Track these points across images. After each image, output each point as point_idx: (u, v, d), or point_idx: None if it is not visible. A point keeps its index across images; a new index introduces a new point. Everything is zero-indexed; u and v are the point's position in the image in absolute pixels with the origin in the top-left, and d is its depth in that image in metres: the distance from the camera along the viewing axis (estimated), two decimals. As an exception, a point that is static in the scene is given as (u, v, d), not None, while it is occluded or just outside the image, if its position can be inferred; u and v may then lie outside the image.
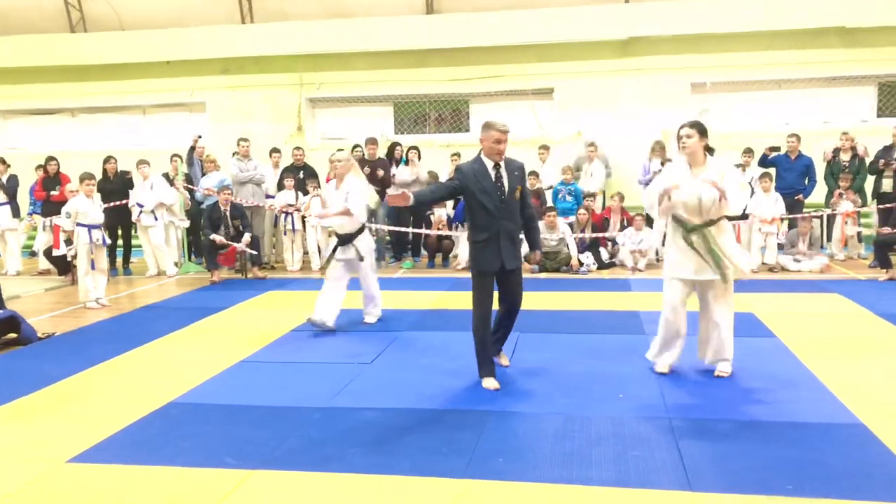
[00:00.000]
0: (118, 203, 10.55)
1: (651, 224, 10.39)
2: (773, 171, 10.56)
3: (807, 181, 10.63)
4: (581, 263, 10.13)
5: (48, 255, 10.61)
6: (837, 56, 12.19)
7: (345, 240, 6.79)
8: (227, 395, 5.03)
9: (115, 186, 10.77)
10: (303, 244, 11.03)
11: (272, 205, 11.02)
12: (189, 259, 11.26)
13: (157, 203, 10.63)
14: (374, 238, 11.14)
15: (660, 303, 5.20)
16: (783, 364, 5.41)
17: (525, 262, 5.53)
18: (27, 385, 5.29)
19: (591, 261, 10.25)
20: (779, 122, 12.51)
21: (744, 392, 4.85)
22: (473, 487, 3.53)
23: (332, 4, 13.55)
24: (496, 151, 4.90)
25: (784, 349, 5.82)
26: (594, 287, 8.95)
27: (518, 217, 5.05)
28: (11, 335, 6.66)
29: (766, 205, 9.95)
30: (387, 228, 11.06)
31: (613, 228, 10.68)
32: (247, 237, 10.04)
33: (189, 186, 11.13)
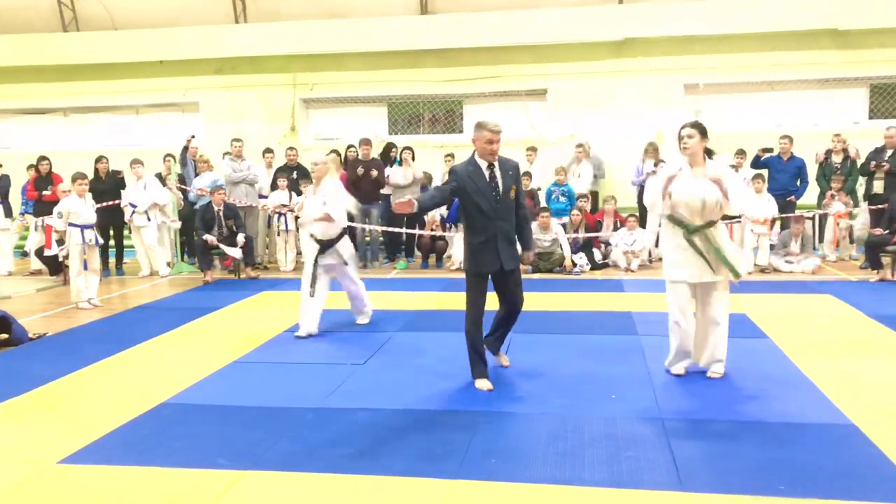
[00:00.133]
0: (110, 203, 10.51)
1: (644, 225, 10.43)
2: (766, 173, 10.59)
3: (799, 182, 10.67)
4: (574, 264, 10.14)
5: (40, 256, 10.56)
6: (829, 58, 12.26)
7: (326, 245, 6.67)
8: (220, 396, 5.02)
9: (107, 186, 10.72)
10: (296, 244, 11.01)
11: (265, 205, 11.00)
12: (182, 259, 11.24)
13: (151, 203, 10.61)
14: (367, 238, 11.22)
15: (652, 303, 5.23)
16: (775, 365, 5.43)
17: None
18: (18, 386, 5.26)
19: (585, 261, 10.26)
20: (771, 124, 12.57)
21: (736, 392, 4.86)
22: (466, 488, 3.53)
23: (326, 5, 13.54)
24: (489, 151, 4.89)
25: (776, 350, 5.84)
26: (587, 288, 8.96)
27: (513, 217, 5.03)
28: (2, 336, 6.62)
29: (759, 206, 9.97)
30: (380, 229, 11.06)
31: (606, 231, 10.70)
32: (241, 238, 10.02)
33: (182, 187, 11.10)
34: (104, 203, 10.13)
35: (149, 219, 10.64)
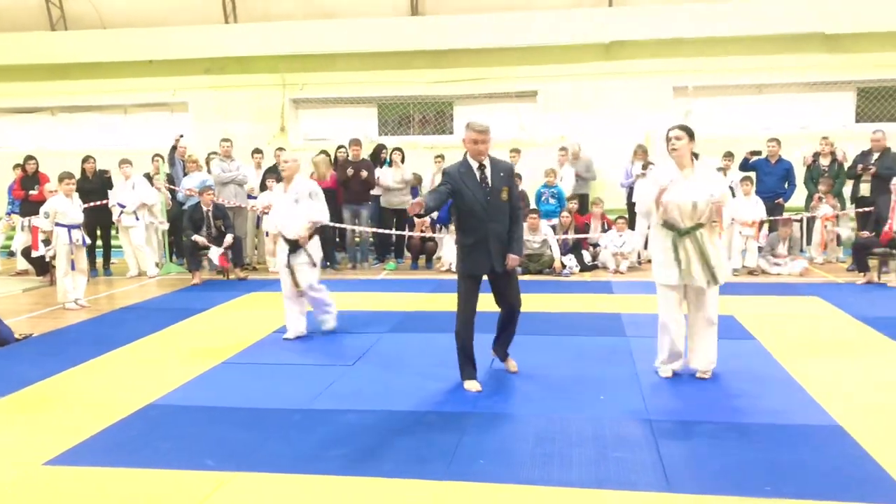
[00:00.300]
0: (97, 203, 10.45)
1: (633, 227, 10.48)
2: (754, 175, 10.66)
3: (786, 185, 10.73)
4: (563, 265, 10.16)
5: (26, 256, 10.48)
6: (817, 61, 12.34)
7: (295, 245, 6.50)
8: (208, 397, 5.00)
9: (94, 186, 10.65)
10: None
11: (254, 205, 10.96)
12: (170, 260, 11.19)
13: (139, 203, 10.56)
14: (357, 239, 11.20)
15: (641, 305, 5.25)
16: (762, 366, 5.46)
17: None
18: (4, 387, 5.22)
19: (574, 263, 10.28)
20: (760, 127, 12.63)
21: (723, 394, 4.89)
22: (454, 489, 3.53)
23: (316, 5, 13.52)
24: (476, 151, 4.91)
25: (763, 351, 5.87)
26: (576, 289, 8.98)
27: (506, 219, 5.02)
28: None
29: (747, 208, 10.04)
30: (370, 230, 11.04)
31: (594, 233, 10.74)
32: (228, 238, 9.98)
33: (171, 187, 11.05)
34: (91, 203, 10.07)
35: (137, 219, 10.59)
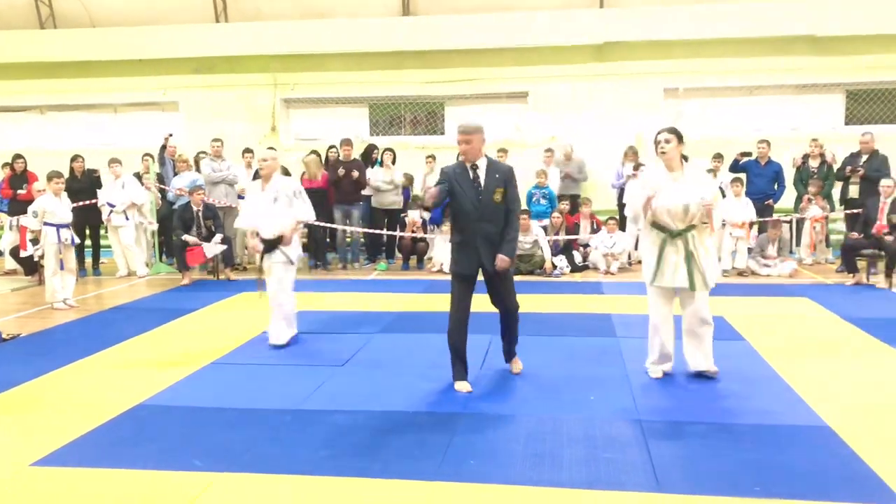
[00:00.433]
0: (86, 203, 10.39)
1: (624, 227, 10.50)
2: (744, 177, 10.70)
3: (776, 186, 10.79)
4: (554, 266, 10.17)
5: (15, 255, 10.41)
6: (807, 64, 12.40)
7: (272, 245, 6.32)
8: (197, 398, 4.98)
9: (83, 185, 10.59)
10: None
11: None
12: (160, 260, 11.13)
13: (129, 203, 10.51)
14: (348, 240, 11.18)
15: (632, 306, 5.27)
16: (752, 367, 5.48)
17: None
18: (-9, 387, 5.19)
19: (565, 264, 10.30)
20: (750, 128, 12.69)
21: (713, 394, 4.90)
22: (444, 490, 3.53)
23: (308, 5, 13.48)
24: (461, 151, 4.98)
25: (753, 352, 5.89)
26: (567, 290, 8.99)
27: (499, 220, 5.01)
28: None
29: (737, 209, 10.09)
30: (361, 230, 11.02)
31: (583, 233, 10.76)
32: (217, 238, 9.94)
33: (161, 186, 11.00)
34: (80, 202, 10.02)
35: (127, 218, 10.53)
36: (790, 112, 12.91)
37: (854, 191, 10.28)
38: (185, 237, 9.81)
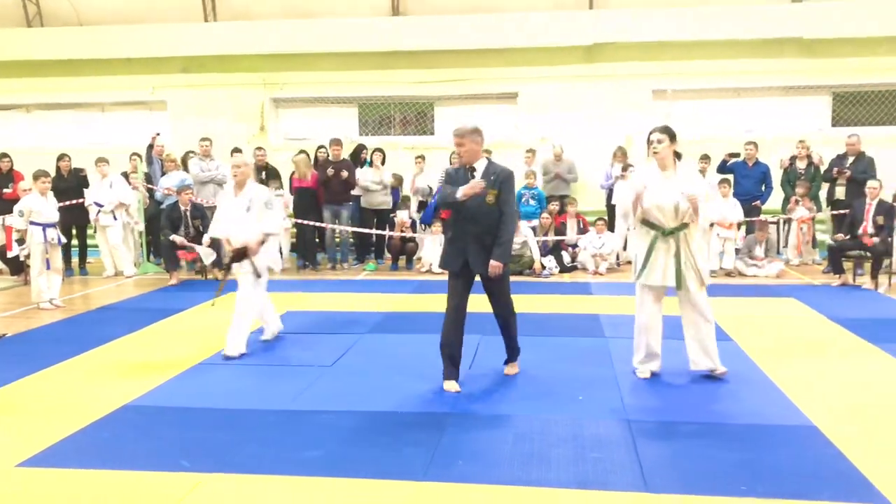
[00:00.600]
0: (72, 202, 10.32)
1: (612, 228, 10.54)
2: (731, 178, 10.76)
3: (763, 188, 10.85)
4: (543, 267, 10.19)
5: (1, 256, 10.33)
6: (794, 66, 12.49)
7: (239, 255, 6.02)
8: (185, 398, 4.95)
9: (70, 185, 10.52)
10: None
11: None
12: (148, 260, 11.07)
13: (117, 203, 10.45)
14: (337, 240, 11.15)
15: (620, 306, 5.28)
16: (739, 367, 5.49)
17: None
18: (-24, 387, 5.15)
19: (553, 264, 10.32)
20: (738, 130, 12.76)
21: (700, 394, 4.93)
22: (432, 490, 3.53)
23: (297, 4, 13.45)
24: (457, 154, 5.07)
25: (740, 353, 5.91)
26: (555, 290, 9.01)
27: (490, 222, 4.99)
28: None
29: (725, 210, 10.13)
30: (350, 230, 11.00)
31: (570, 233, 10.78)
32: (207, 239, 9.89)
33: (149, 186, 10.94)
34: (66, 202, 9.95)
35: (115, 218, 10.47)
36: (778, 114, 12.98)
37: (840, 192, 10.36)
38: (173, 237, 9.76)
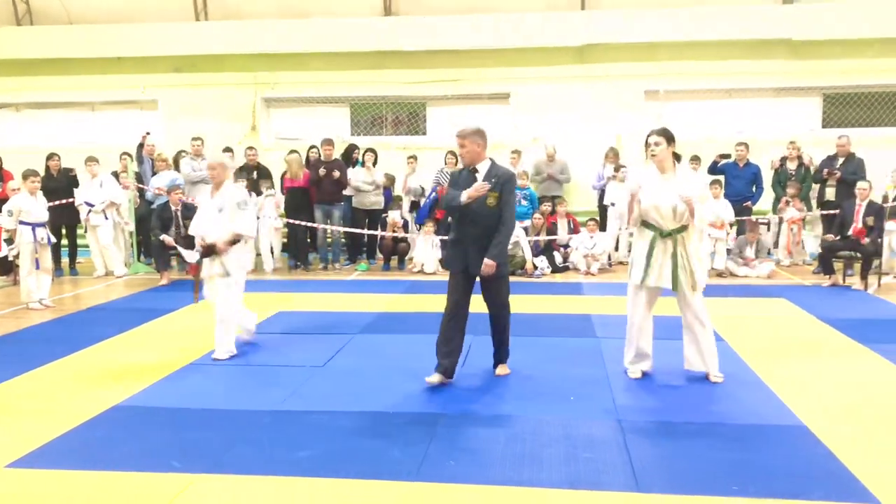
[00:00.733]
0: (62, 202, 10.26)
1: (604, 228, 10.55)
2: (722, 179, 10.79)
3: (754, 189, 10.89)
4: (535, 267, 10.20)
5: (-10, 255, 10.27)
6: (785, 67, 12.54)
7: (207, 252, 5.93)
8: (175, 399, 4.93)
9: (59, 184, 10.45)
10: (255, 245, 10.87)
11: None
12: (138, 259, 11.02)
13: (108, 202, 10.39)
14: (329, 240, 11.12)
15: (612, 306, 5.28)
16: (731, 367, 5.50)
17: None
18: (-36, 388, 5.11)
19: (545, 264, 10.33)
20: (729, 130, 12.79)
21: (692, 394, 4.94)
22: (424, 490, 3.52)
23: (289, 4, 13.43)
24: (459, 155, 5.19)
25: (732, 353, 5.93)
26: (547, 290, 9.02)
27: (490, 224, 5.02)
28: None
29: (719, 211, 10.16)
30: (342, 230, 10.98)
31: (561, 233, 10.79)
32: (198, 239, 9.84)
33: (140, 185, 10.89)
34: (56, 201, 9.89)
35: (106, 217, 10.42)
36: (768, 115, 13.04)
37: (831, 193, 10.41)
38: (163, 237, 9.71)
